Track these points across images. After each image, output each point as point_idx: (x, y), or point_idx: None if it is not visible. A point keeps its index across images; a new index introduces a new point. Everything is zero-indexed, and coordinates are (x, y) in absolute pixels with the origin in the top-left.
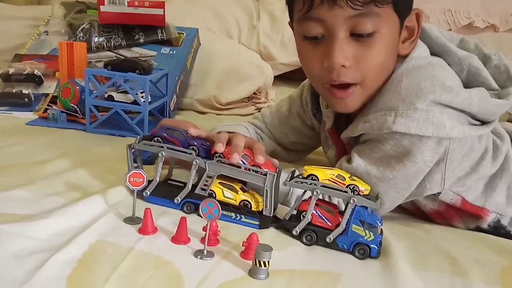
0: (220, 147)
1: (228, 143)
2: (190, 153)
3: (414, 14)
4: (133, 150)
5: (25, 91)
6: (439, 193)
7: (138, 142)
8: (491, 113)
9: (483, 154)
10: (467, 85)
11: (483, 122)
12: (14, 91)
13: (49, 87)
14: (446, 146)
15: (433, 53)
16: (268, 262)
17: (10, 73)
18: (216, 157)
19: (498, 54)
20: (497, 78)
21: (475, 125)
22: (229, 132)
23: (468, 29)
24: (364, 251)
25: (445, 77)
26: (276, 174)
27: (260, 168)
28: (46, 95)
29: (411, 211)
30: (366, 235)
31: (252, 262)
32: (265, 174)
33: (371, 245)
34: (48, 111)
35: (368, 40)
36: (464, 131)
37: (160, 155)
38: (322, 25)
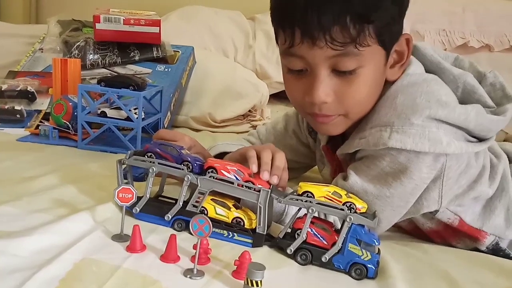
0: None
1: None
2: (182, 169)
3: (403, 40)
4: (124, 166)
5: (17, 107)
6: (436, 211)
7: (129, 157)
8: (488, 129)
9: (480, 172)
10: (462, 102)
11: (480, 140)
12: (6, 107)
13: (42, 104)
14: (443, 162)
15: (427, 71)
16: (261, 281)
17: (3, 89)
18: (208, 172)
19: (493, 72)
20: (492, 96)
21: (472, 142)
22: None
23: (463, 49)
24: (360, 271)
25: (440, 93)
26: (270, 190)
27: (253, 184)
28: (39, 111)
29: (409, 231)
30: (363, 254)
31: (244, 282)
32: (259, 191)
33: (368, 265)
34: (39, 127)
35: (350, 77)
36: (461, 147)
37: (151, 170)
38: (303, 62)
